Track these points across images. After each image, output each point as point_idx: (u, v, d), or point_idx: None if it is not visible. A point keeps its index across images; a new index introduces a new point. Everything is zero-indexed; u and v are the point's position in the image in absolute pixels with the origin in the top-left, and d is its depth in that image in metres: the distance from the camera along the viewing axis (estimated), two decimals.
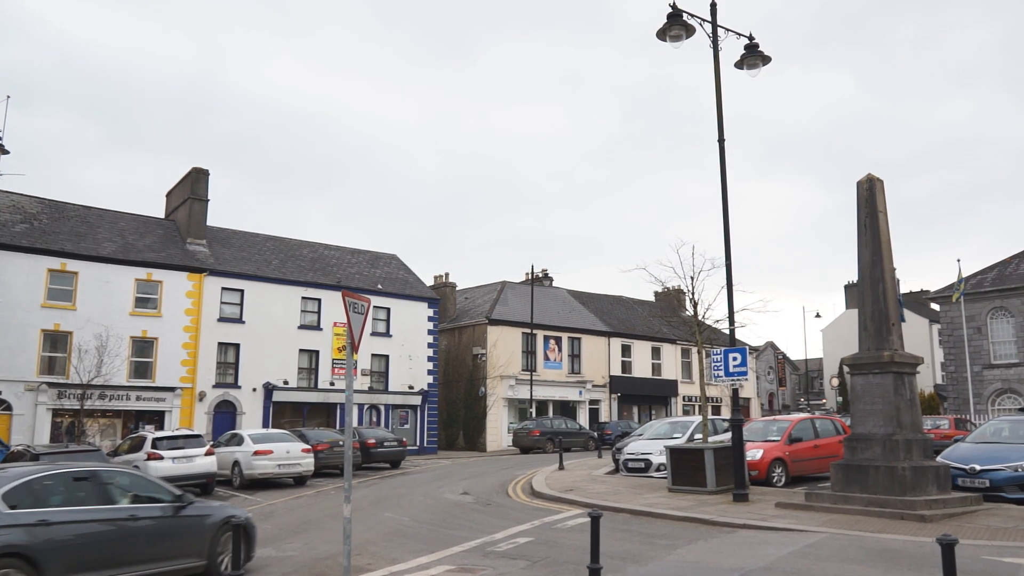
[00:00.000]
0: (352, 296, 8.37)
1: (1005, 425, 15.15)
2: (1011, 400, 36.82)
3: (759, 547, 9.40)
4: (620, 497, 14.45)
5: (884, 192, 13.18)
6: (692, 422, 19.56)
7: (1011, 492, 12.58)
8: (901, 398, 12.13)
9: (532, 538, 10.64)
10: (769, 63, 14.74)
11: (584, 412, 43.01)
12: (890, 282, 12.89)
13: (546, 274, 49.62)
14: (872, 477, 11.78)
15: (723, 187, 14.30)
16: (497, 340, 39.95)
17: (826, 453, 16.25)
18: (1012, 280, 38.23)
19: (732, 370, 14.37)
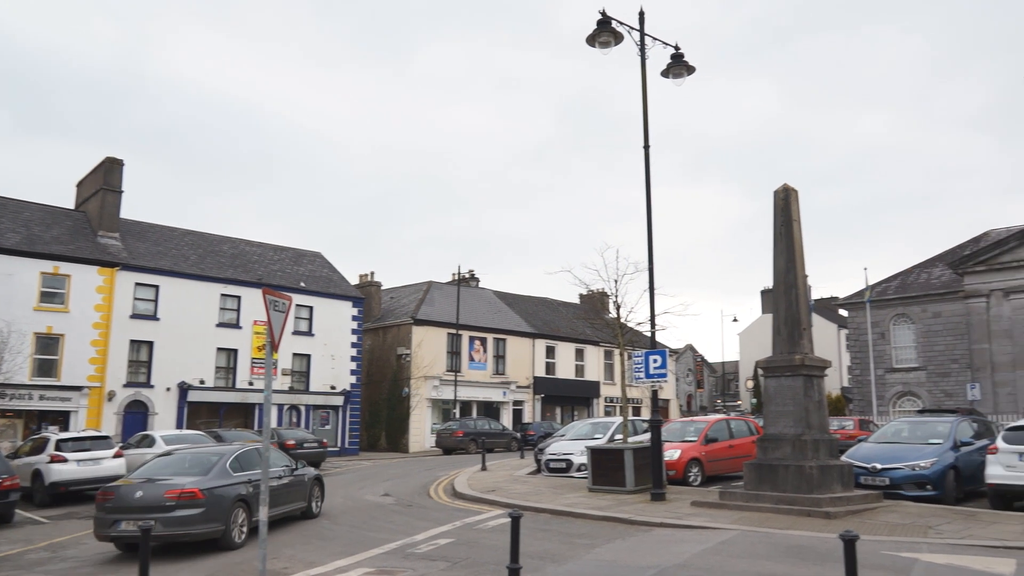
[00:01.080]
0: (273, 294, 8.19)
1: (904, 426, 15.97)
2: (911, 402, 38.84)
3: (675, 545, 9.64)
4: (541, 497, 14.58)
5: (798, 201, 13.72)
6: (613, 423, 19.89)
7: (909, 490, 13.27)
8: (810, 400, 12.64)
9: (453, 539, 10.63)
10: (694, 73, 15.14)
11: (508, 413, 43.19)
12: (802, 288, 13.42)
13: (473, 275, 49.63)
14: (782, 476, 12.24)
15: (647, 193, 14.60)
16: (422, 340, 39.72)
17: (740, 453, 16.77)
18: (913, 289, 40.33)
19: (652, 372, 14.69)
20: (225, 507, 10.93)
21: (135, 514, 10.41)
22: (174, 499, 10.53)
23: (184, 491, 10.60)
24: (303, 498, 13.41)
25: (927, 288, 39.60)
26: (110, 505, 10.76)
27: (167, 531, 10.42)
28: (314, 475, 14.07)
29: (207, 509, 10.63)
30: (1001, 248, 34.70)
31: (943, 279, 38.79)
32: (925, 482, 13.27)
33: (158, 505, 10.51)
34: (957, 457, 13.75)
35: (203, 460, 11.76)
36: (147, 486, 10.85)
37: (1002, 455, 12.49)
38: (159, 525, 10.20)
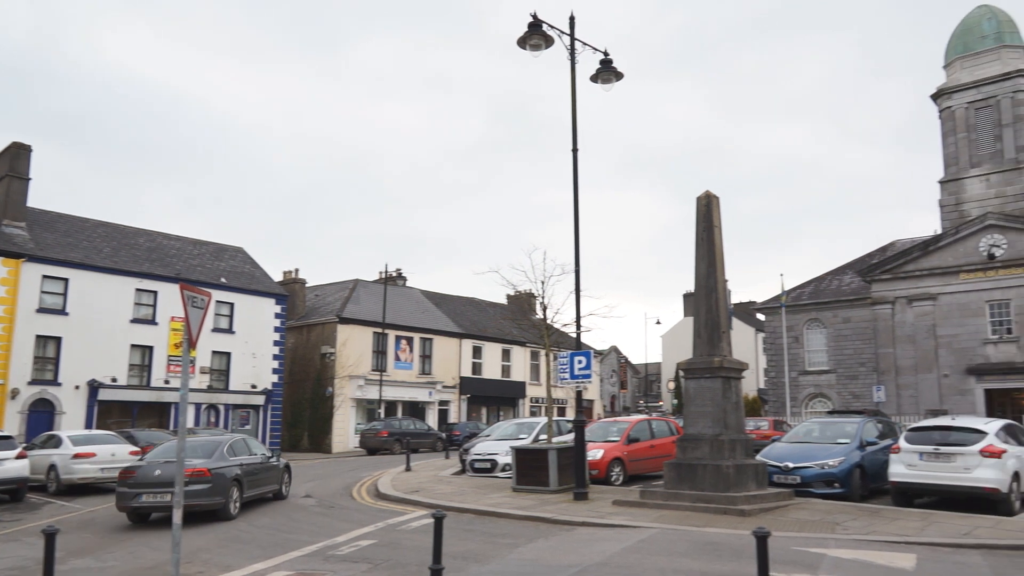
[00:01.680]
0: (191, 289, 7.94)
1: (815, 426, 16.64)
2: (822, 403, 40.47)
3: (596, 543, 9.78)
4: (465, 497, 14.57)
5: (720, 208, 14.12)
6: (538, 423, 20.02)
7: (818, 487, 13.83)
8: (728, 401, 13.02)
9: (375, 540, 10.52)
10: (622, 79, 15.41)
11: (434, 413, 43.00)
12: (722, 292, 13.81)
13: (400, 273, 49.20)
14: (700, 475, 12.57)
15: (575, 195, 14.77)
16: (347, 339, 39.16)
17: (661, 453, 17.13)
18: (826, 295, 42.04)
19: (577, 373, 14.87)
20: (225, 484, 13.30)
21: (154, 488, 12.71)
22: (187, 476, 12.17)
23: (196, 470, 12.80)
24: (276, 482, 15.87)
25: (838, 294, 41.35)
26: (132, 481, 12.92)
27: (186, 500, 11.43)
28: (284, 464, 16.69)
29: (213, 485, 13.00)
30: (906, 258, 36.52)
31: (853, 286, 40.55)
32: (833, 480, 13.85)
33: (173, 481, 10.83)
34: (863, 456, 14.41)
35: (206, 445, 14.32)
36: (165, 466, 12.87)
37: (904, 454, 13.14)
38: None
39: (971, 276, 34.44)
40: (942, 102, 38.30)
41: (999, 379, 33.71)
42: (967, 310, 34.57)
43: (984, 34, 37.87)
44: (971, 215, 35.57)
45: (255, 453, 15.18)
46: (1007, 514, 11.85)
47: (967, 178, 36.74)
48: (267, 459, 15.65)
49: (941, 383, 34.72)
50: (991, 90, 36.64)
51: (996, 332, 33.92)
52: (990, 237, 34.11)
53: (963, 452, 12.49)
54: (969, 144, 37.01)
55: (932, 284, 35.47)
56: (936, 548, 9.49)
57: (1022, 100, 36.08)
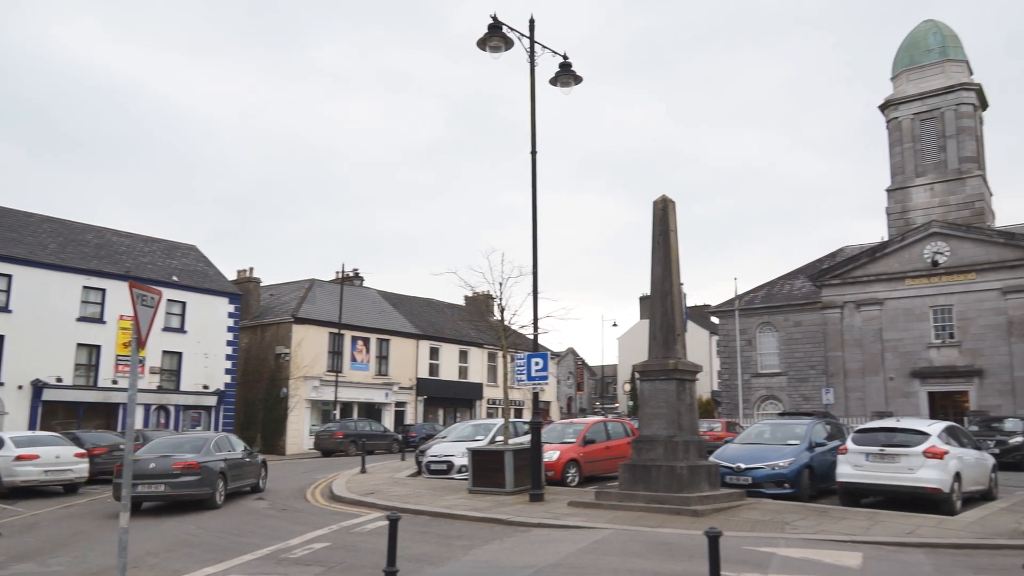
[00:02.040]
0: (141, 287, 7.77)
1: (767, 428, 16.97)
2: (773, 405, 41.28)
3: (551, 545, 9.83)
4: (421, 499, 14.51)
5: (675, 212, 14.30)
6: (495, 424, 20.04)
7: (769, 488, 14.10)
8: (682, 403, 13.20)
9: (329, 543, 10.41)
10: (581, 83, 15.49)
11: (390, 414, 42.72)
12: (677, 295, 14.00)
13: (357, 273, 48.76)
14: (655, 476, 12.71)
15: (533, 198, 14.83)
16: (302, 339, 38.67)
17: (616, 454, 17.28)
18: (778, 299, 42.90)
19: (534, 374, 14.91)
20: (213, 476, 14.64)
21: (149, 479, 14.06)
22: (180, 469, 14.23)
23: (187, 463, 14.37)
24: (255, 476, 17.30)
25: (790, 299, 42.24)
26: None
27: (174, 492, 14.22)
28: (261, 460, 18.13)
29: (202, 477, 14.38)
30: (854, 264, 37.48)
31: (804, 291, 41.46)
32: (783, 480, 14.13)
33: (167, 473, 14.21)
34: (812, 457, 14.73)
35: (194, 441, 15.83)
36: (159, 459, 14.48)
37: (851, 455, 13.47)
38: (168, 487, 14.17)
39: (916, 282, 35.50)
40: (889, 113, 39.42)
41: (942, 382, 34.81)
42: (912, 315, 35.61)
43: (929, 48, 39.11)
44: (916, 223, 36.67)
45: (236, 450, 16.57)
46: (949, 513, 12.23)
47: (913, 187, 37.89)
48: (247, 455, 17.01)
49: (887, 386, 35.70)
50: (936, 102, 37.85)
51: (939, 337, 35.01)
52: (934, 245, 35.20)
53: (907, 453, 12.85)
54: (915, 154, 38.16)
55: (879, 290, 36.47)
56: (881, 547, 9.75)
57: (965, 112, 37.34)
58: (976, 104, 37.85)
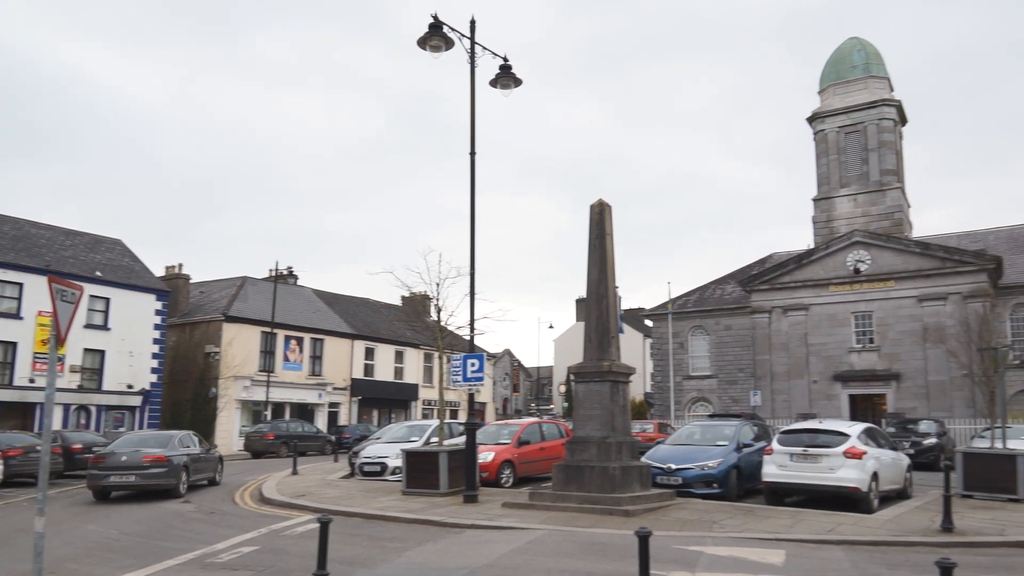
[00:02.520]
0: (60, 282, 7.47)
1: (697, 429, 17.36)
2: (703, 407, 42.24)
3: (484, 546, 9.85)
4: (353, 501, 14.35)
5: (612, 216, 14.50)
6: (430, 425, 19.94)
7: (698, 488, 14.44)
8: (616, 404, 13.40)
9: (258, 547, 10.20)
10: (521, 85, 15.57)
11: (323, 415, 42.09)
12: (612, 299, 14.20)
13: (291, 272, 47.90)
14: (588, 476, 12.86)
15: (472, 199, 14.82)
16: (233, 338, 37.76)
17: (551, 455, 17.41)
18: (709, 303, 43.94)
19: (470, 375, 14.92)
20: (177, 469, 16.27)
21: (121, 470, 15.79)
22: (149, 461, 15.92)
23: (156, 456, 16.06)
24: (213, 470, 18.81)
25: (721, 303, 43.31)
26: (103, 465, 15.94)
27: (143, 482, 15.85)
28: (218, 456, 19.81)
29: (168, 469, 16.04)
30: (782, 270, 38.67)
31: (734, 295, 42.56)
32: (712, 481, 14.49)
33: (138, 465, 15.86)
34: (740, 458, 15.14)
35: (160, 438, 17.83)
36: (130, 453, 16.10)
37: (776, 456, 13.91)
38: (138, 478, 15.81)
39: (839, 289, 36.84)
40: (816, 125, 40.83)
41: (862, 385, 36.21)
42: (835, 320, 36.93)
43: (854, 64, 40.68)
44: (840, 232, 38.06)
45: (197, 446, 18.18)
46: (866, 512, 12.73)
47: (837, 197, 39.33)
48: (205, 451, 18.71)
49: (811, 388, 36.93)
50: (859, 116, 39.39)
51: (860, 341, 36.40)
52: (856, 253, 36.59)
53: (828, 453, 13.34)
54: (840, 165, 39.62)
55: (805, 295, 37.70)
56: (803, 544, 10.09)
57: (886, 127, 38.96)
58: (896, 119, 39.51)
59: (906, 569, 8.75)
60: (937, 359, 33.01)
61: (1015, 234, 39.94)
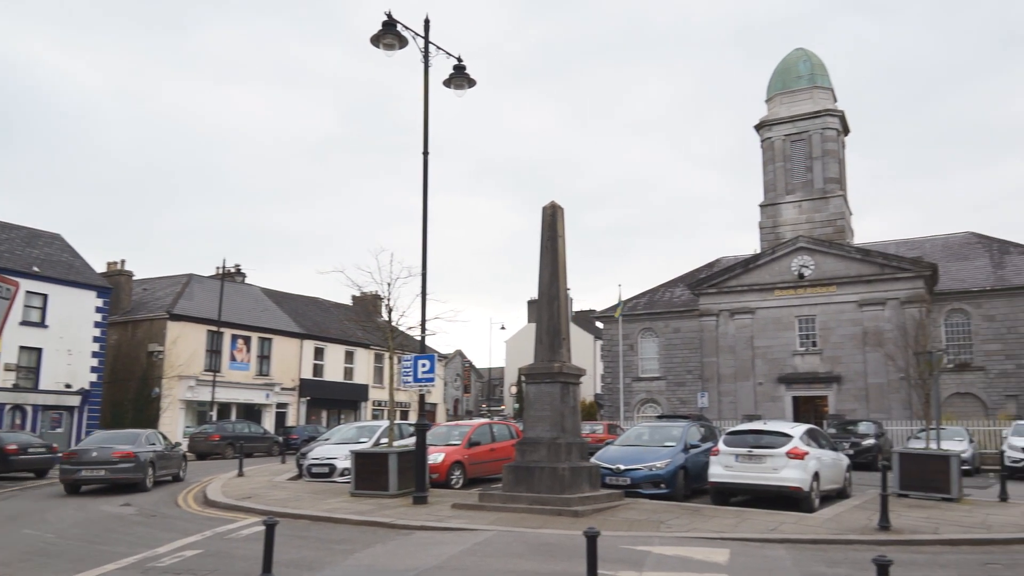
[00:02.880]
0: None
1: (645, 430, 17.59)
2: (652, 408, 42.80)
3: (433, 547, 9.82)
4: (301, 503, 14.17)
5: (564, 219, 14.61)
6: (379, 426, 19.81)
7: (646, 488, 14.64)
8: (566, 405, 13.49)
9: (201, 550, 9.99)
10: (475, 86, 15.58)
11: (271, 416, 41.41)
12: (564, 300, 14.30)
13: (239, 270, 47.04)
14: (538, 477, 12.93)
15: (424, 199, 14.78)
16: (178, 337, 36.90)
17: (501, 456, 17.45)
18: (659, 306, 44.54)
19: (421, 376, 14.86)
20: (144, 464, 17.53)
21: (92, 465, 17.06)
22: (118, 457, 17.22)
23: (125, 452, 17.34)
24: (177, 467, 19.97)
25: (670, 306, 43.96)
26: (74, 460, 17.27)
27: (112, 476, 17.12)
28: (182, 453, 21.21)
29: (136, 464, 17.29)
30: (729, 274, 39.43)
31: (683, 299, 43.24)
32: (660, 481, 14.70)
33: (107, 460, 17.16)
34: (687, 458, 15.40)
35: (128, 436, 18.74)
36: (100, 448, 17.42)
37: (722, 456, 14.18)
38: (107, 472, 17.10)
39: (784, 293, 37.72)
40: (763, 133, 41.74)
41: (805, 387, 37.13)
42: (780, 324, 37.81)
43: (800, 74, 41.73)
44: (785, 237, 38.97)
45: (162, 444, 19.34)
46: (808, 511, 13.07)
47: (783, 203, 40.26)
48: (170, 449, 19.80)
49: (756, 390, 37.73)
50: (805, 125, 40.41)
51: (803, 345, 37.33)
52: (801, 258, 37.53)
53: (772, 454, 13.65)
54: (785, 172, 40.58)
55: (751, 299, 38.50)
56: (747, 543, 10.31)
57: (830, 136, 40.05)
58: (839, 129, 40.64)
59: (845, 567, 9.01)
60: (876, 362, 34.03)
61: (949, 242, 41.46)
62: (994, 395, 35.69)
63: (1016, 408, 34.62)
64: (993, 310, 36.31)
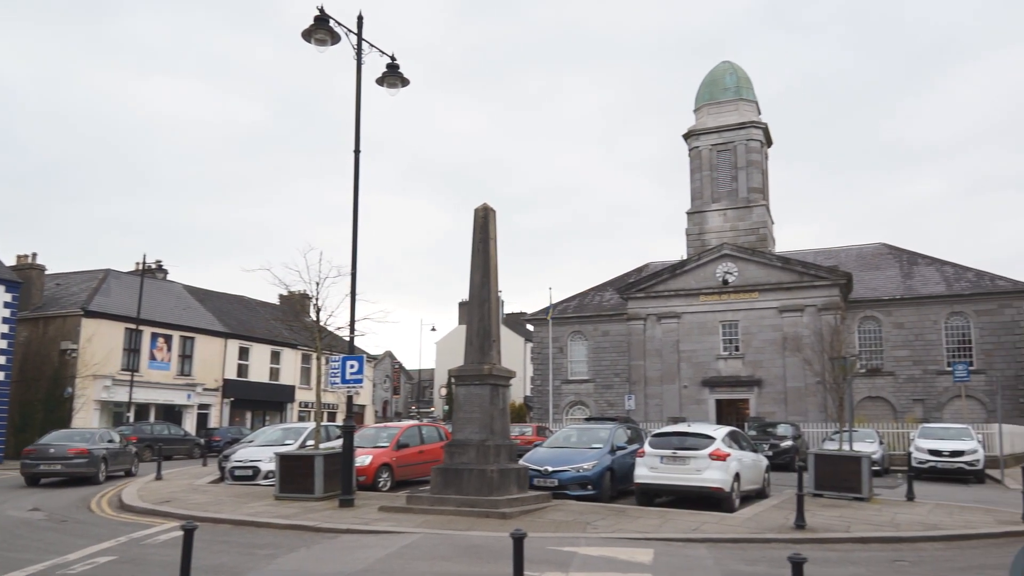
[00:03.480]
0: None
1: (574, 432, 17.78)
2: (581, 410, 43.31)
3: (359, 551, 9.70)
4: (222, 507, 13.79)
5: (496, 221, 14.66)
6: (306, 428, 19.47)
7: (574, 490, 14.80)
8: (495, 407, 13.53)
9: (115, 556, 9.62)
10: (408, 85, 15.47)
11: (193, 417, 40.13)
12: (495, 302, 14.33)
13: (160, 266, 45.42)
14: (466, 479, 12.93)
15: (355, 198, 14.60)
16: (93, 335, 35.37)
17: (430, 458, 17.36)
18: (588, 309, 45.12)
19: (349, 377, 14.66)
20: (97, 460, 19.60)
21: (50, 460, 19.17)
22: (73, 453, 19.25)
23: (80, 449, 19.43)
24: (129, 463, 21.84)
25: (599, 309, 44.58)
26: (34, 456, 19.31)
27: (67, 470, 19.14)
28: (135, 451, 22.91)
29: (89, 460, 19.41)
30: (657, 279, 40.25)
31: (612, 302, 43.92)
32: (587, 482, 14.88)
33: (64, 456, 19.19)
34: (613, 460, 15.64)
35: (84, 434, 21.03)
36: (57, 445, 19.45)
37: (648, 458, 14.46)
38: (63, 467, 19.12)
39: (709, 299, 38.73)
40: (691, 142, 42.80)
41: (728, 390, 38.20)
42: (705, 328, 38.79)
43: (726, 87, 42.97)
44: (711, 244, 40.03)
45: (116, 441, 21.54)
46: (729, 511, 13.45)
47: (709, 211, 41.35)
48: (123, 446, 21.81)
49: (682, 393, 38.60)
50: (730, 136, 41.63)
51: (727, 349, 38.39)
52: (725, 265, 38.60)
53: (695, 456, 14.00)
54: (712, 181, 41.69)
55: (678, 304, 39.38)
56: (671, 543, 10.54)
57: (754, 148, 41.35)
58: (763, 141, 41.99)
59: (763, 565, 9.31)
60: (794, 367, 35.25)
61: (863, 253, 43.32)
62: (902, 399, 37.46)
63: (922, 412, 36.42)
64: (902, 318, 38.11)
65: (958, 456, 23.24)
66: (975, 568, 9.42)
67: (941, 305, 37.55)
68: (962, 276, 38.58)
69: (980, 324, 36.91)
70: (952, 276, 38.76)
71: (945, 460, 23.32)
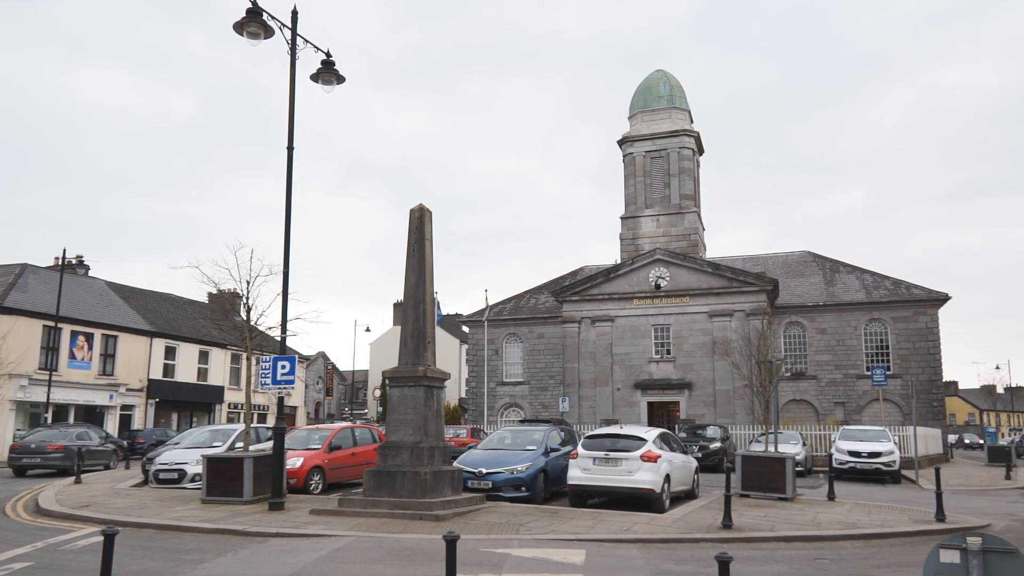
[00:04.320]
0: None
1: (508, 434, 17.85)
2: (515, 412, 43.47)
3: (289, 555, 9.54)
4: (146, 511, 13.35)
5: (432, 222, 14.60)
6: (235, 430, 19.02)
7: (507, 491, 14.85)
8: (430, 409, 13.47)
9: (32, 562, 9.21)
10: (344, 82, 15.24)
11: (115, 419, 38.67)
12: (430, 304, 14.27)
13: (82, 261, 43.68)
14: (400, 482, 12.83)
15: (288, 195, 14.35)
16: (8, 332, 33.66)
17: (363, 460, 17.18)
18: (524, 312, 45.35)
19: (280, 378, 14.40)
20: (73, 455, 21.06)
21: (31, 455, 22.27)
22: (51, 449, 22.17)
23: (57, 446, 22.23)
24: (108, 459, 24.33)
25: (535, 312, 44.84)
26: (19, 451, 22.54)
27: (46, 463, 22.03)
28: (113, 448, 25.15)
29: (65, 454, 21.84)
30: (591, 283, 40.73)
31: (547, 305, 44.23)
32: (520, 484, 14.96)
33: (44, 451, 22.12)
34: (547, 462, 15.76)
35: (63, 432, 23.51)
36: (38, 442, 22.45)
37: (581, 460, 14.62)
38: (42, 460, 22.17)
39: (642, 303, 39.38)
40: (626, 148, 43.47)
41: (659, 393, 38.91)
42: (637, 332, 39.43)
43: (660, 95, 43.79)
44: (644, 249, 40.73)
45: (95, 439, 24.00)
46: (659, 511, 13.71)
47: (642, 217, 42.06)
48: (102, 443, 24.35)
49: (615, 395, 39.14)
50: (663, 143, 42.43)
51: (658, 352, 39.12)
52: (657, 270, 39.33)
53: (627, 457, 14.22)
54: (645, 187, 42.42)
55: (612, 308, 39.93)
56: (602, 543, 10.68)
57: (686, 155, 42.27)
58: (695, 149, 42.95)
59: (692, 564, 9.53)
60: (723, 370, 36.14)
61: (789, 260, 44.77)
62: (825, 402, 38.84)
63: (843, 414, 37.84)
64: (825, 324, 39.52)
65: (876, 457, 24.23)
66: (892, 566, 9.84)
67: (861, 312, 39.08)
68: (880, 284, 40.24)
69: (897, 330, 38.55)
70: (871, 284, 40.39)
71: (864, 461, 24.28)
